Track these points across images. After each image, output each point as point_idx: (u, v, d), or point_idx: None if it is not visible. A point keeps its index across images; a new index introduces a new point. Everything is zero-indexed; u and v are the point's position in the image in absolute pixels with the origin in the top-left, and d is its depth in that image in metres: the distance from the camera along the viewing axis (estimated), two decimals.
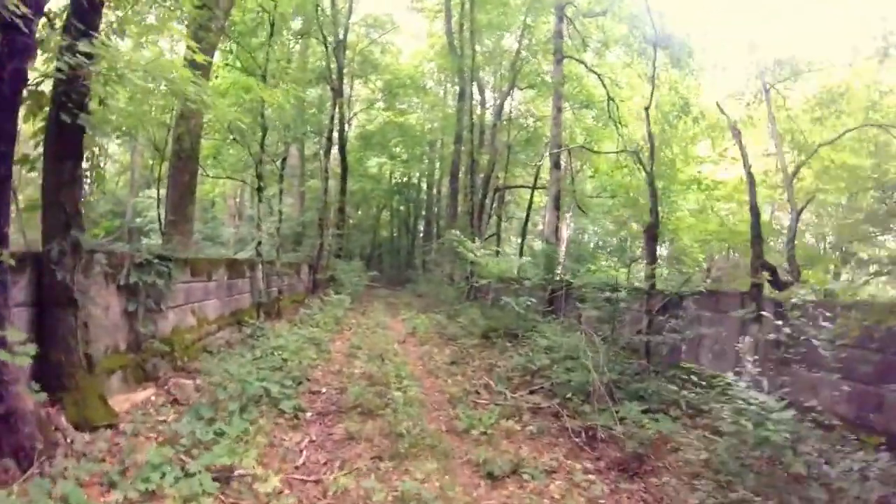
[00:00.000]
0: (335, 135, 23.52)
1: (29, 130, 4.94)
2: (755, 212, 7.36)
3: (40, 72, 4.73)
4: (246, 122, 12.50)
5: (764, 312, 6.79)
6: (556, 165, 15.04)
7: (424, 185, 39.11)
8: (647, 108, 9.74)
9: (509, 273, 12.13)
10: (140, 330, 6.68)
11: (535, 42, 20.30)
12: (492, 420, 6.06)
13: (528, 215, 22.98)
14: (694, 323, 8.18)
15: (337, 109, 22.53)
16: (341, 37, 22.57)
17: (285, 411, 6.07)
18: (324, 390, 7.29)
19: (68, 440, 4.29)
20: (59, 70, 4.15)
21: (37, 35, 4.03)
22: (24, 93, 4.26)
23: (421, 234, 39.09)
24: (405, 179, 39.32)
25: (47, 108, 4.76)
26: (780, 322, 5.79)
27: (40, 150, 4.91)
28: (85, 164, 5.23)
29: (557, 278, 12.45)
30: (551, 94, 20.52)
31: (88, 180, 5.76)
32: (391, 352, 9.67)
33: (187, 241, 12.41)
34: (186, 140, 11.97)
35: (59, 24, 4.84)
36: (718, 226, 11.78)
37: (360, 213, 41.70)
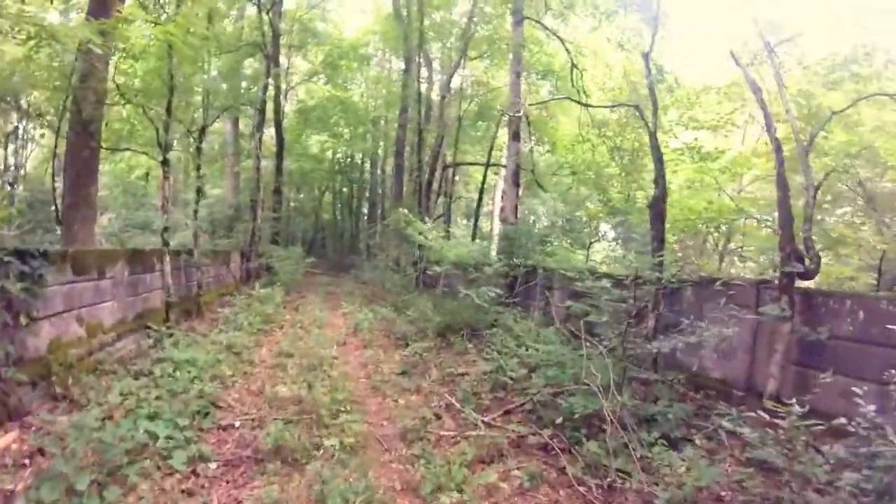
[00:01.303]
0: (270, 109, 21.31)
1: None
2: (783, 185, 5.88)
3: None
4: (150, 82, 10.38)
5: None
6: (514, 137, 13.43)
7: (368, 165, 36.95)
8: (646, 54, 8.16)
9: (466, 258, 10.46)
10: None
11: (488, 4, 18.45)
12: (464, 466, 4.37)
13: (481, 194, 21.42)
14: (693, 318, 6.74)
15: (271, 80, 20.13)
16: None
17: (176, 469, 4.21)
18: (237, 423, 5.44)
19: None
20: None
21: None
22: None
23: (365, 217, 36.99)
24: (348, 159, 37.10)
25: None
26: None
27: None
28: None
29: (519, 263, 10.85)
30: (507, 62, 19.03)
31: None
32: (328, 360, 7.83)
33: (89, 228, 10.35)
34: (87, 108, 9.70)
35: None
36: (707, 203, 10.42)
37: (301, 195, 39.40)
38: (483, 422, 5.49)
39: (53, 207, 10.25)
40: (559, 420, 5.18)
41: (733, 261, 15.23)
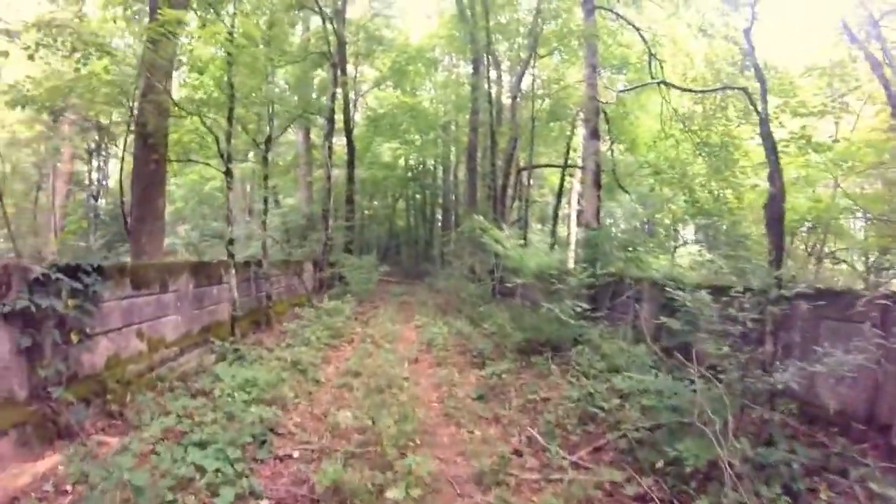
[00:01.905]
0: (340, 119, 21.42)
1: None
2: None
3: None
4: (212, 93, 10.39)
5: None
6: (593, 134, 12.50)
7: (441, 171, 36.64)
8: (747, 30, 7.18)
9: (546, 268, 9.73)
10: (41, 372, 4.62)
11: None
12: None
13: (559, 197, 20.53)
14: (806, 338, 5.73)
15: (339, 89, 20.19)
16: (339, 6, 20.20)
17: None
18: (296, 454, 5.01)
19: None
20: None
21: None
22: None
23: (439, 224, 36.71)
24: (420, 166, 36.97)
25: None
26: None
27: None
28: None
29: (604, 272, 9.98)
30: (578, 57, 18.09)
31: None
32: (398, 380, 7.33)
33: (157, 241, 10.48)
34: (151, 120, 9.83)
35: None
36: (814, 202, 9.11)
37: (374, 203, 39.69)
38: (570, 460, 4.79)
39: (123, 221, 10.40)
40: (660, 464, 4.41)
41: (823, 265, 13.60)
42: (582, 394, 6.28)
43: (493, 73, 21.55)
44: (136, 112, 9.88)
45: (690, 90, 10.81)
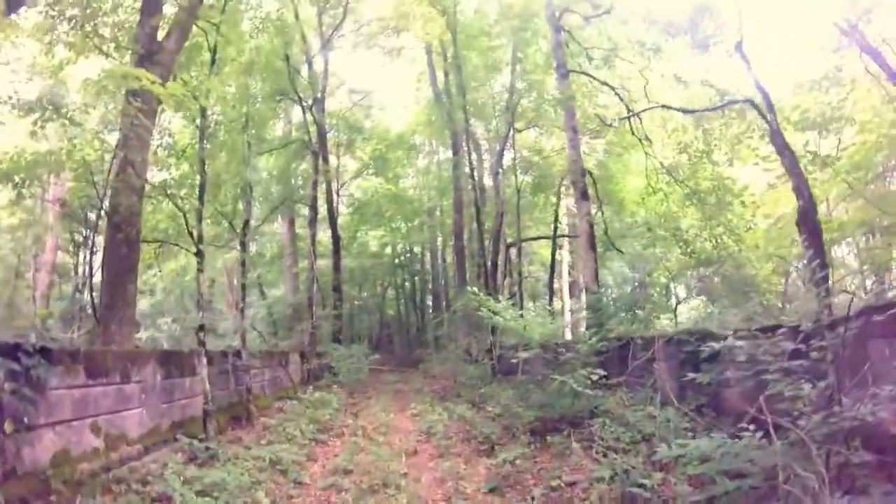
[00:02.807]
0: (322, 207, 21.13)
1: None
2: None
3: None
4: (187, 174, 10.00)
5: None
6: (583, 195, 12.07)
7: (428, 257, 36.29)
8: (738, 43, 6.79)
9: (551, 338, 8.86)
10: None
11: (530, 69, 17.84)
12: None
13: (552, 268, 19.83)
14: (858, 360, 4.84)
15: (321, 176, 20.00)
16: (319, 95, 20.41)
17: None
18: None
19: None
20: None
21: None
22: None
23: (430, 310, 35.86)
24: (408, 253, 36.65)
25: None
26: None
27: None
28: None
29: (615, 336, 9.13)
30: (557, 125, 18.12)
31: None
32: (395, 476, 6.23)
33: (127, 330, 9.71)
34: (124, 201, 9.29)
35: None
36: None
37: (364, 293, 38.99)
38: None
39: (92, 308, 9.69)
40: None
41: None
42: (614, 472, 5.24)
43: (473, 157, 21.60)
44: (108, 192, 9.40)
45: (693, 111, 10.38)
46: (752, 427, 4.21)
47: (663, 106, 10.45)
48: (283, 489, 6.05)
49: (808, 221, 5.44)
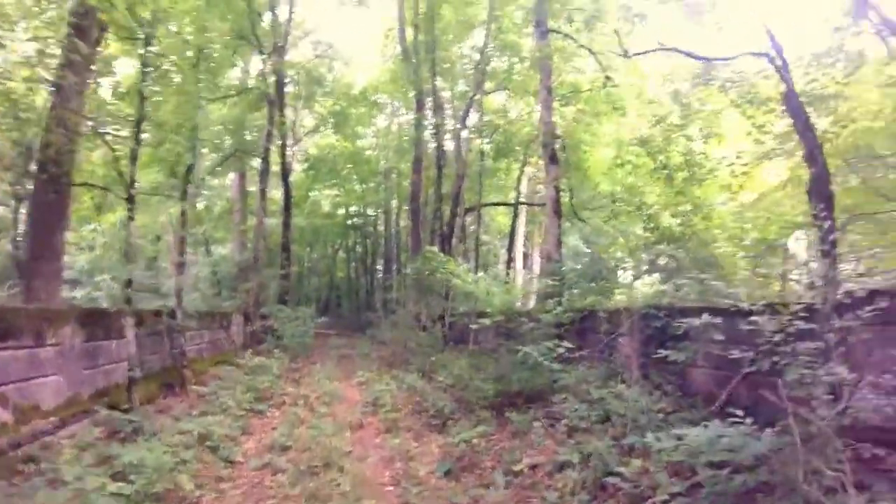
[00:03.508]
0: (277, 163, 19.75)
1: None
2: None
3: None
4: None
5: None
6: (552, 159, 11.42)
7: (382, 219, 35.29)
8: None
9: (513, 306, 8.28)
10: None
11: (506, 28, 16.90)
12: None
13: (512, 236, 19.31)
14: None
15: (276, 127, 18.59)
16: (280, 43, 18.87)
17: None
18: None
19: None
20: None
21: None
22: None
23: (380, 275, 35.06)
24: (361, 215, 35.49)
25: None
26: None
27: None
28: None
29: (578, 307, 8.61)
30: (526, 92, 17.42)
31: None
32: (338, 455, 5.54)
33: (54, 285, 8.78)
34: (55, 140, 8.23)
35: None
36: None
37: (314, 254, 37.81)
38: None
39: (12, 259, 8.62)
40: None
41: None
42: (582, 455, 4.70)
43: (437, 117, 20.57)
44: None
45: (706, 58, 9.67)
46: (739, 413, 3.70)
47: (673, 49, 9.64)
48: (212, 470, 5.32)
49: (820, 188, 4.95)
